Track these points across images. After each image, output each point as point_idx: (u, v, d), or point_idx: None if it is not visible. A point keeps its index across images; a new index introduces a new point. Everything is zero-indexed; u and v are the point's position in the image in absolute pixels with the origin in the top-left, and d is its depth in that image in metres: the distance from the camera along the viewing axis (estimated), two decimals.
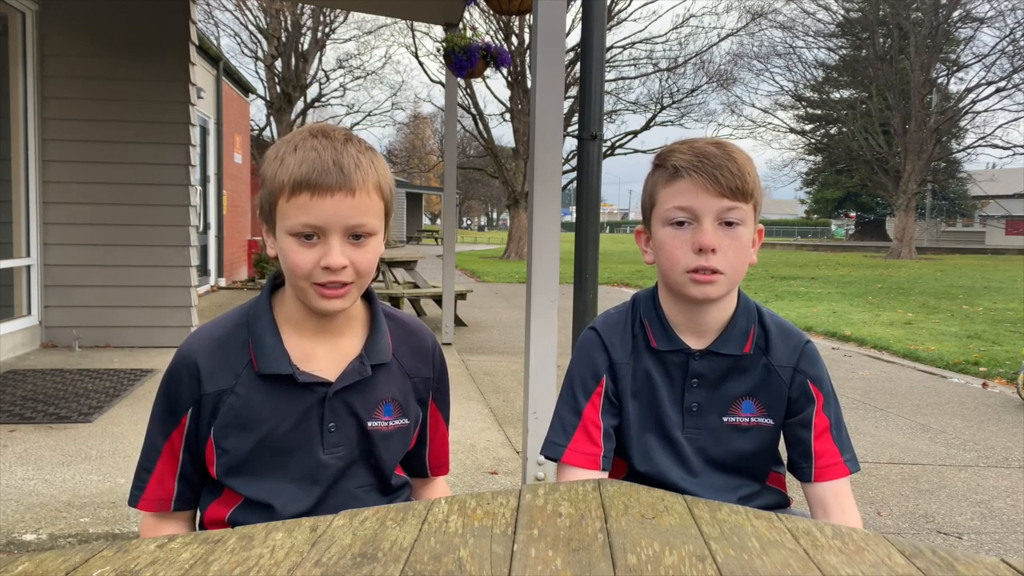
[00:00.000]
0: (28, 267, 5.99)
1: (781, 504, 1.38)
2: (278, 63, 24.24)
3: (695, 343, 1.32)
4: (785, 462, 1.38)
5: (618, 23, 24.54)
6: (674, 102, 26.44)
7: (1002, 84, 26.34)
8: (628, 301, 1.41)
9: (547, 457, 1.34)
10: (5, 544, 2.59)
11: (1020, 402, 5.46)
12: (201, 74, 9.57)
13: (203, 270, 10.83)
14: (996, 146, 28.40)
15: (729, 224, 1.24)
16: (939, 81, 28.33)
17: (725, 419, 1.31)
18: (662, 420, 1.32)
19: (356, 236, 1.13)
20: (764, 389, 1.32)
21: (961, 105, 27.61)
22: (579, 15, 3.07)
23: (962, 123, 28.50)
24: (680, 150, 1.27)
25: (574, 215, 3.01)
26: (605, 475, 1.31)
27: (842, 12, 30.56)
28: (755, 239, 1.29)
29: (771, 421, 1.32)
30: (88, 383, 4.86)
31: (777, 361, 1.32)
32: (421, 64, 34.87)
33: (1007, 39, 25.48)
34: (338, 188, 1.10)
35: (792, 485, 1.41)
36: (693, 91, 26.52)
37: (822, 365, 1.35)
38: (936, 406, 5.35)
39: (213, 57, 11.17)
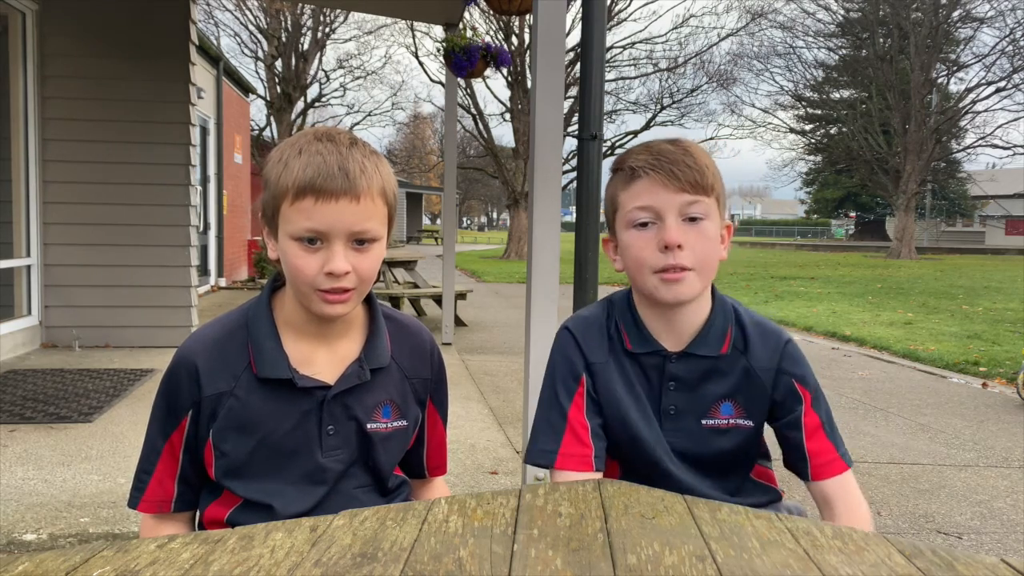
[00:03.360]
0: (28, 267, 5.99)
1: (771, 499, 1.38)
2: (278, 63, 24.23)
3: (671, 345, 1.30)
4: (781, 458, 1.37)
5: (618, 23, 24.54)
6: (674, 102, 26.47)
7: (1002, 84, 26.36)
8: (603, 300, 1.39)
9: (539, 466, 1.31)
10: (5, 544, 2.59)
11: (1020, 402, 5.46)
12: (201, 74, 9.57)
13: (203, 270, 10.83)
14: (996, 146, 28.42)
15: (693, 219, 1.22)
16: (939, 81, 28.33)
17: (704, 422, 1.30)
18: (642, 422, 1.31)
19: (359, 242, 1.13)
20: (744, 391, 1.30)
21: (961, 105, 27.61)
22: (579, 15, 3.07)
23: (962, 123, 28.49)
24: (636, 151, 1.27)
25: (574, 215, 3.01)
26: (599, 475, 1.29)
27: (842, 12, 30.59)
28: (723, 235, 1.28)
29: (751, 423, 1.31)
30: (88, 383, 4.86)
31: (757, 363, 1.29)
32: (421, 64, 34.89)
33: (1007, 39, 25.50)
34: (343, 193, 1.09)
35: (792, 481, 1.41)
36: (693, 91, 26.55)
37: (805, 362, 1.32)
38: (936, 406, 5.35)
39: (213, 57, 11.17)
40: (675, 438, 1.31)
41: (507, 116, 25.03)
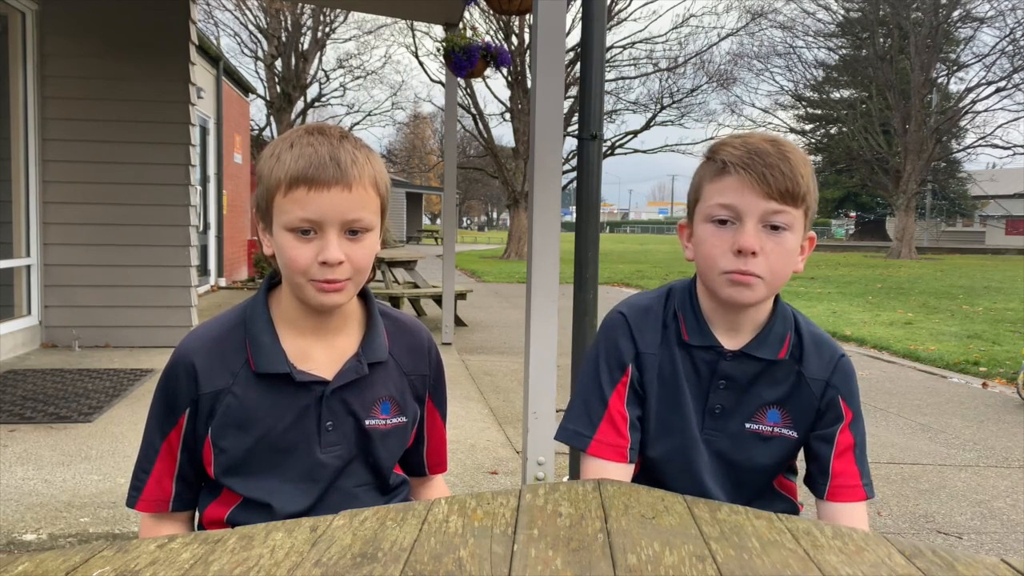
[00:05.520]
0: (28, 267, 5.99)
1: (788, 509, 1.35)
2: (278, 63, 24.25)
3: (728, 343, 1.26)
4: (802, 473, 1.35)
5: (618, 23, 24.54)
6: (674, 102, 26.46)
7: (1002, 84, 26.35)
8: (662, 289, 1.35)
9: (570, 445, 1.29)
10: (5, 544, 2.59)
11: (1020, 402, 5.46)
12: (201, 74, 9.57)
13: (203, 270, 10.83)
14: (996, 146, 28.42)
15: (775, 228, 1.17)
16: (939, 81, 28.34)
17: (748, 425, 1.27)
18: (682, 418, 1.28)
19: (353, 232, 1.14)
20: (794, 400, 1.27)
21: (961, 105, 27.61)
22: (579, 15, 3.06)
23: (962, 123, 28.50)
24: (732, 144, 1.20)
25: (574, 215, 3.00)
26: (631, 468, 1.27)
27: (842, 12, 30.60)
28: (804, 246, 1.23)
29: (795, 434, 1.28)
30: (88, 383, 4.86)
31: (810, 373, 1.26)
32: (421, 64, 34.89)
33: (1007, 39, 25.50)
34: (335, 182, 1.11)
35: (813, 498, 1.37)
36: (693, 91, 26.54)
37: (855, 382, 1.29)
38: (936, 406, 5.35)
39: (213, 57, 11.17)
40: (715, 438, 1.28)
41: (507, 116, 25.03)
